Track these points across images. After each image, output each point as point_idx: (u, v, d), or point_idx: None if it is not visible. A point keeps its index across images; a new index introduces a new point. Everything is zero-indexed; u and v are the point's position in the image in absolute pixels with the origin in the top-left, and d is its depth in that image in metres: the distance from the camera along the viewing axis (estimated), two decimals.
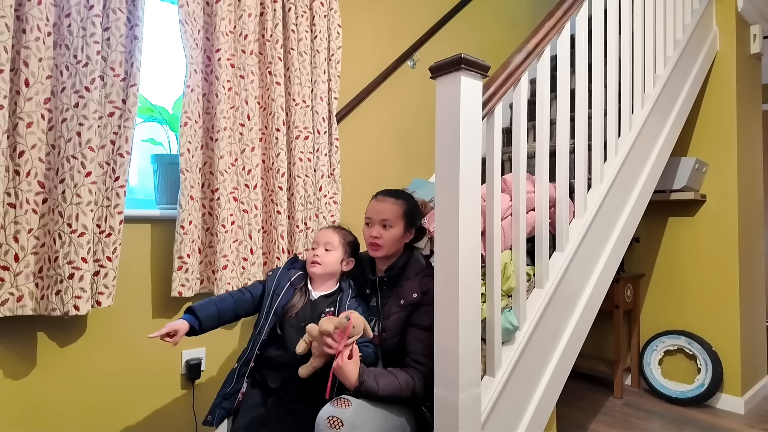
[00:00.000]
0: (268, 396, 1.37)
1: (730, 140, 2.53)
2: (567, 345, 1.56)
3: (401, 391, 1.24)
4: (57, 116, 1.47)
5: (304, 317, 1.40)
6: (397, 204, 1.47)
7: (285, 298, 1.43)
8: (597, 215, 1.70)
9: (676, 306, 2.67)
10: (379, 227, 1.45)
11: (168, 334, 1.29)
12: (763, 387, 2.68)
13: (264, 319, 1.41)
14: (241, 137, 1.86)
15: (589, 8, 1.77)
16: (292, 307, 1.43)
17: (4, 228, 1.39)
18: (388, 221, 1.44)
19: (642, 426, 2.27)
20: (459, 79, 1.17)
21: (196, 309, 1.37)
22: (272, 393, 1.36)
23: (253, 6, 1.88)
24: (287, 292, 1.45)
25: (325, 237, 1.49)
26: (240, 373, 1.39)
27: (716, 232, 2.55)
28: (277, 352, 1.38)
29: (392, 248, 1.46)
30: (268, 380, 1.37)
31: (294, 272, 1.50)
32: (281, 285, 1.46)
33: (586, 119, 1.72)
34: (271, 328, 1.40)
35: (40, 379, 1.51)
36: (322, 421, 1.15)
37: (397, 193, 1.52)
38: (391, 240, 1.45)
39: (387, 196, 1.50)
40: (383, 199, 1.49)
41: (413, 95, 2.64)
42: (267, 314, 1.41)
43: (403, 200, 1.49)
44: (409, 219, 1.48)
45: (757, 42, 2.68)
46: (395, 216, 1.45)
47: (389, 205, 1.46)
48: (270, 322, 1.40)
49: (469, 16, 2.98)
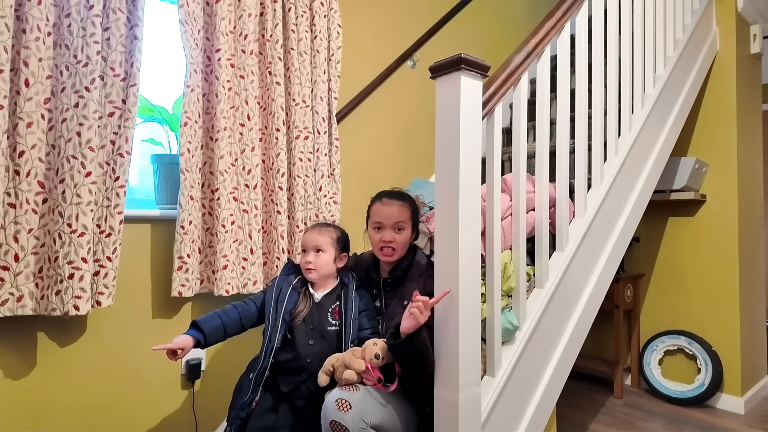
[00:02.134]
0: (279, 401, 1.36)
1: (730, 140, 2.53)
2: (567, 345, 1.56)
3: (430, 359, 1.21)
4: (57, 116, 1.47)
5: (311, 321, 1.41)
6: (405, 206, 1.46)
7: (290, 303, 1.43)
8: (597, 215, 1.70)
9: (676, 306, 2.67)
10: (392, 231, 1.43)
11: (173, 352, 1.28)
12: (763, 387, 2.68)
13: (272, 328, 1.39)
14: (241, 137, 1.86)
15: (589, 8, 1.77)
16: (299, 312, 1.42)
17: (4, 228, 1.38)
18: (401, 223, 1.43)
19: (642, 426, 2.27)
20: (459, 79, 1.17)
21: (200, 323, 1.36)
22: (284, 397, 1.35)
23: (253, 6, 1.88)
24: (291, 297, 1.44)
25: (313, 240, 1.46)
26: (256, 383, 1.36)
27: (716, 232, 2.55)
28: (287, 356, 1.37)
29: (403, 251, 1.46)
30: (280, 384, 1.36)
31: (293, 277, 1.49)
32: (283, 291, 1.45)
33: (586, 119, 1.72)
34: (282, 335, 1.39)
35: (40, 379, 1.51)
36: (331, 403, 1.15)
37: (402, 195, 1.50)
38: (404, 243, 1.45)
39: (394, 198, 1.47)
40: (391, 203, 1.46)
41: (413, 95, 2.64)
42: (275, 322, 1.39)
43: (409, 202, 1.49)
44: (415, 221, 1.48)
45: (757, 42, 2.68)
46: (407, 219, 1.44)
47: (398, 208, 1.45)
48: (280, 330, 1.38)
49: (469, 16, 2.98)
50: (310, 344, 1.38)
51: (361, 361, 1.22)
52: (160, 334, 1.73)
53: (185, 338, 1.32)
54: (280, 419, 1.32)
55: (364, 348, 1.25)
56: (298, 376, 1.35)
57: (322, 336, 1.39)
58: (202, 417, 1.80)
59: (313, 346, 1.37)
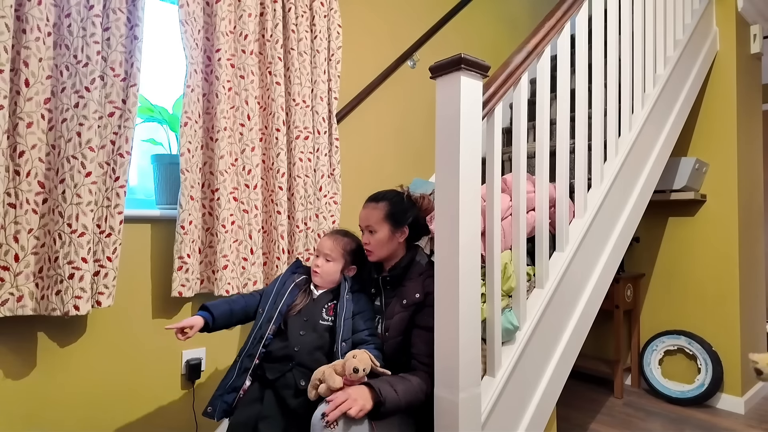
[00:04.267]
0: (265, 389, 1.38)
1: (730, 140, 2.53)
2: (567, 345, 1.56)
3: (417, 393, 1.23)
4: (57, 116, 1.47)
5: (306, 314, 1.45)
6: (378, 208, 1.48)
7: (290, 298, 1.48)
8: (597, 215, 1.70)
9: (676, 306, 2.67)
10: (367, 233, 1.48)
11: (182, 330, 1.35)
12: (763, 387, 2.68)
13: (266, 317, 1.44)
14: (241, 137, 1.86)
15: (589, 8, 1.77)
16: (296, 305, 1.47)
17: (4, 228, 1.38)
18: (371, 226, 1.47)
19: (642, 426, 2.27)
20: (459, 79, 1.17)
21: (210, 306, 1.43)
22: (269, 385, 1.37)
23: (253, 6, 1.88)
24: (292, 293, 1.49)
25: (327, 247, 1.52)
26: (242, 367, 1.40)
27: (716, 232, 2.54)
28: (278, 344, 1.41)
29: (383, 251, 1.47)
30: (267, 372, 1.38)
31: (298, 276, 1.54)
32: (286, 286, 1.50)
33: (586, 119, 1.72)
34: (276, 327, 1.43)
35: (40, 379, 1.51)
36: (317, 420, 1.15)
37: (378, 197, 1.52)
38: (378, 244, 1.46)
39: (369, 201, 1.52)
40: (366, 205, 1.52)
41: (413, 95, 2.64)
42: (270, 312, 1.44)
43: (384, 202, 1.49)
44: (393, 219, 1.47)
45: (757, 42, 2.68)
46: (377, 220, 1.46)
47: (370, 211, 1.49)
48: (275, 321, 1.43)
49: (469, 16, 2.98)
50: (301, 334, 1.40)
51: (337, 378, 1.21)
52: (160, 334, 1.73)
53: (195, 318, 1.39)
54: (266, 408, 1.34)
55: (345, 361, 1.24)
56: (285, 364, 1.37)
57: (313, 329, 1.42)
58: (201, 417, 1.80)
59: (304, 337, 1.40)
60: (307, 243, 2.02)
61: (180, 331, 1.35)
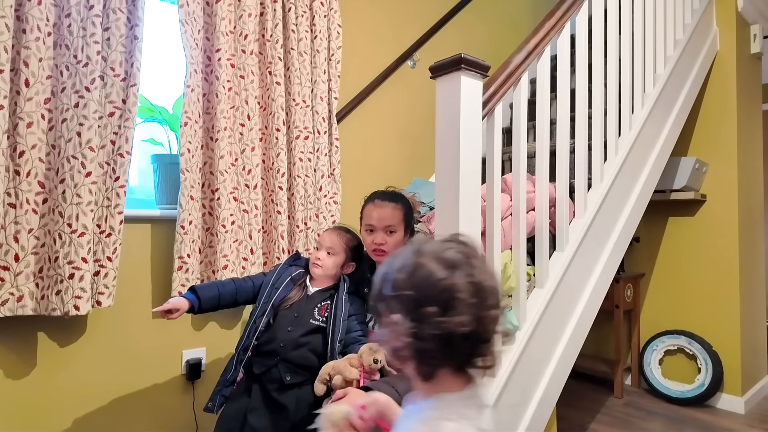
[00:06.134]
0: (253, 382, 1.39)
1: (730, 140, 2.53)
2: (567, 345, 1.56)
3: None
4: (57, 116, 1.47)
5: (298, 309, 1.43)
6: (398, 208, 1.44)
7: (284, 292, 1.46)
8: (597, 215, 1.70)
9: (676, 306, 2.67)
10: (383, 234, 1.42)
11: (169, 311, 1.34)
12: (763, 387, 2.68)
13: (260, 311, 1.44)
14: (241, 137, 1.86)
15: (589, 8, 1.77)
16: (289, 299, 1.46)
17: (5, 228, 1.38)
18: (392, 227, 1.42)
19: (642, 426, 2.27)
20: (459, 79, 1.18)
21: (198, 289, 1.42)
22: (256, 379, 1.38)
23: (253, 6, 1.88)
24: (287, 286, 1.47)
25: (329, 240, 1.50)
26: (238, 360, 1.41)
27: (716, 232, 2.54)
28: (266, 338, 1.41)
29: None
30: (254, 366, 1.39)
31: (295, 269, 1.52)
32: (282, 279, 1.49)
33: (586, 119, 1.72)
34: (268, 320, 1.43)
35: (40, 379, 1.51)
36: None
37: (395, 196, 1.49)
38: (395, 245, 1.43)
39: (386, 200, 1.45)
40: (383, 204, 1.44)
41: (413, 95, 2.64)
42: (264, 306, 1.44)
43: (401, 203, 1.47)
44: (408, 222, 1.47)
45: (757, 42, 2.68)
46: (398, 221, 1.43)
47: (391, 211, 1.43)
48: (268, 314, 1.42)
49: (469, 16, 2.98)
50: (289, 330, 1.40)
51: (353, 370, 1.20)
52: (160, 334, 1.73)
53: (181, 300, 1.38)
54: (253, 401, 1.35)
55: (361, 354, 1.23)
56: (271, 359, 1.37)
57: (302, 326, 1.41)
58: (202, 417, 1.80)
59: (291, 333, 1.39)
60: (307, 243, 2.02)
61: (167, 313, 1.34)
